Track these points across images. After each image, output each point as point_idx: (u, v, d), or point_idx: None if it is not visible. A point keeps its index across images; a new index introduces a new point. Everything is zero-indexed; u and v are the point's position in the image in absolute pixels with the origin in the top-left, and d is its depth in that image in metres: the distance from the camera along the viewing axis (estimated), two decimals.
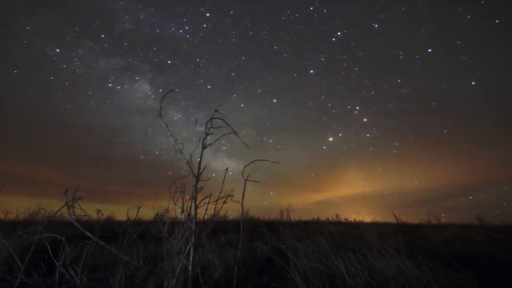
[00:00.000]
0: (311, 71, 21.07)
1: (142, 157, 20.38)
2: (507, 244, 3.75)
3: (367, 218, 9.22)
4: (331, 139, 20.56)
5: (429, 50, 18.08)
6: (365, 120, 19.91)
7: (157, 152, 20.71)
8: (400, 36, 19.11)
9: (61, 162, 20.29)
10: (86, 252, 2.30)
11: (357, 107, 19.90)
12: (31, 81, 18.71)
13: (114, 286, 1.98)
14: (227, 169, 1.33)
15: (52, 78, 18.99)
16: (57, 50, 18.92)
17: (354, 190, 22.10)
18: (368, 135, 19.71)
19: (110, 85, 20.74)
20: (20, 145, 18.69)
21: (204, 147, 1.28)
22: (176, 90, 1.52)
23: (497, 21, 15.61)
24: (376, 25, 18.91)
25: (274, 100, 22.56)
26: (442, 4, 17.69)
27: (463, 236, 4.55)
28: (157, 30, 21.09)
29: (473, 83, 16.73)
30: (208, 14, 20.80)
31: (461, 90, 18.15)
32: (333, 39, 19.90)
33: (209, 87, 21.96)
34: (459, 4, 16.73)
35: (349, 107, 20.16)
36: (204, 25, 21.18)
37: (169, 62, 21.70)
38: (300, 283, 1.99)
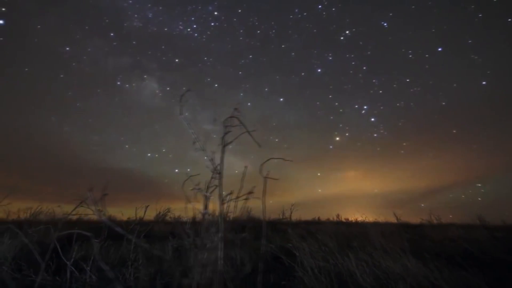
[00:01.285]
0: (319, 70, 21.04)
1: (149, 154, 20.43)
2: (510, 244, 3.78)
3: (370, 218, 9.23)
4: (338, 138, 20.43)
5: (439, 49, 17.79)
6: (372, 119, 19.79)
7: (164, 150, 20.76)
8: (410, 35, 18.80)
9: (64, 162, 20.24)
10: (94, 251, 2.30)
11: (365, 107, 19.80)
12: (41, 79, 18.74)
13: (123, 285, 1.99)
14: (246, 167, 1.34)
15: (62, 76, 19.03)
16: (67, 49, 19.00)
17: (359, 190, 22.01)
18: (375, 135, 19.56)
19: (118, 83, 20.85)
20: (23, 144, 18.64)
21: (224, 145, 1.30)
22: (190, 90, 1.54)
23: (509, 19, 15.19)
24: (385, 24, 18.73)
25: (281, 99, 22.56)
26: (453, 2, 17.35)
27: (466, 235, 4.58)
28: (165, 29, 21.15)
29: (484, 82, 16.39)
30: (216, 13, 20.81)
31: (471, 90, 17.79)
32: (341, 38, 19.82)
33: (216, 85, 21.98)
34: (470, 2, 16.38)
35: (356, 106, 20.07)
36: (212, 24, 21.20)
37: (176, 60, 21.78)
38: (309, 281, 2.01)
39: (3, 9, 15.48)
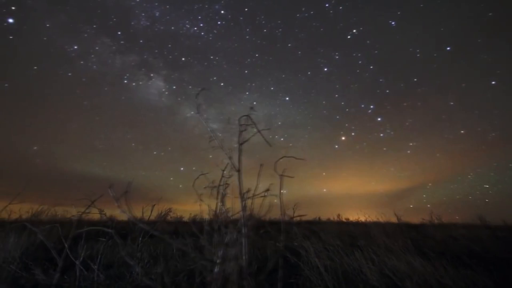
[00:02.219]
0: (325, 69, 20.91)
1: (155, 152, 20.51)
2: None
3: (372, 217, 9.23)
4: (343, 138, 20.30)
5: (448, 48, 17.50)
6: (379, 119, 19.64)
7: (169, 148, 20.83)
8: (418, 34, 18.45)
9: (66, 161, 20.22)
10: (101, 250, 2.31)
11: (372, 106, 19.65)
12: (49, 77, 18.77)
13: (131, 282, 2.00)
14: (261, 165, 1.35)
15: (70, 74, 19.08)
16: (75, 47, 19.06)
17: (363, 190, 21.91)
18: (382, 135, 19.40)
19: (125, 81, 20.96)
20: (26, 145, 18.59)
21: (241, 143, 1.31)
22: (205, 89, 1.55)
23: None
24: (393, 22, 18.43)
25: (287, 98, 22.48)
26: (462, 0, 16.98)
27: (468, 235, 4.60)
28: (172, 28, 21.18)
29: (493, 82, 16.16)
30: (222, 12, 20.77)
31: (480, 90, 17.47)
32: (349, 37, 19.62)
33: (222, 84, 21.97)
34: (480, 1, 16.03)
35: (363, 105, 19.92)
36: (219, 23, 21.17)
37: (183, 59, 21.82)
38: (316, 280, 2.02)
39: (13, 8, 15.49)
